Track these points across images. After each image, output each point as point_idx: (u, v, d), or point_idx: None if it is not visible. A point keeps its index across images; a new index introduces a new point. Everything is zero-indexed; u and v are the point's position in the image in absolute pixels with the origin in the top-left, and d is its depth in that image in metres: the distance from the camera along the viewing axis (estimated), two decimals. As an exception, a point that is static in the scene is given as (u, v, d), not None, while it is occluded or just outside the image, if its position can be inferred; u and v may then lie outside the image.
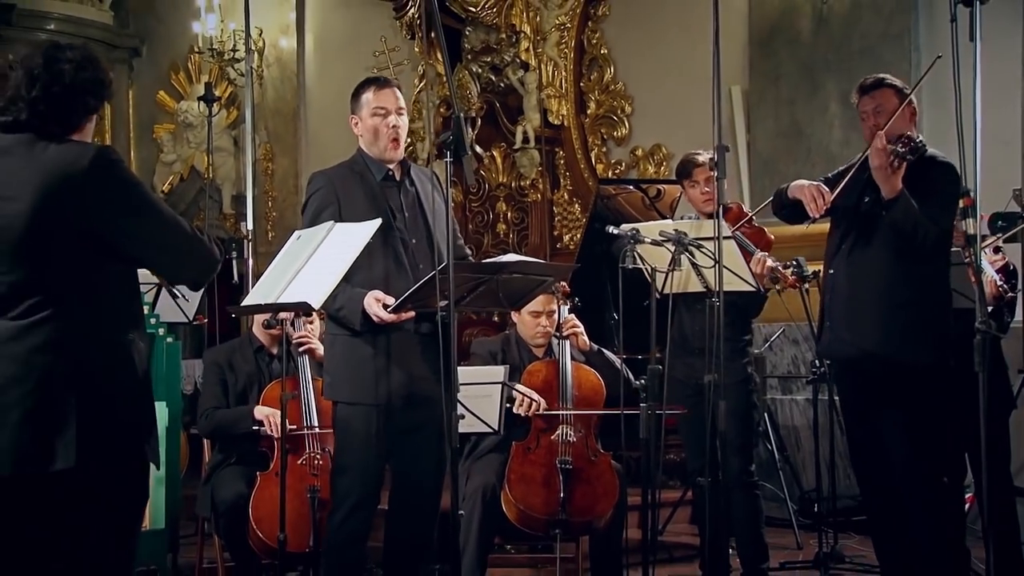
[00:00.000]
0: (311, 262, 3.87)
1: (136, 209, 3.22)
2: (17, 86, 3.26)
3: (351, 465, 4.51)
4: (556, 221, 9.47)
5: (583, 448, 5.32)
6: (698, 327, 4.97)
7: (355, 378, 4.46)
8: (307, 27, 11.25)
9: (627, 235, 4.54)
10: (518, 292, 4.48)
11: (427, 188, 4.67)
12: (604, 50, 9.40)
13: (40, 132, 3.24)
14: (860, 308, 4.80)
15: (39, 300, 3.16)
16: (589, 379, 5.44)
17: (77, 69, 3.26)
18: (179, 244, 3.32)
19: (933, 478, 4.76)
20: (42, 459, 3.14)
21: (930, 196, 4.61)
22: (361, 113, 4.59)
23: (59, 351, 3.15)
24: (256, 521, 5.16)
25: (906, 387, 4.70)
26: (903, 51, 7.60)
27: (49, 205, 3.15)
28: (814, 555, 6.19)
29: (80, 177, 3.14)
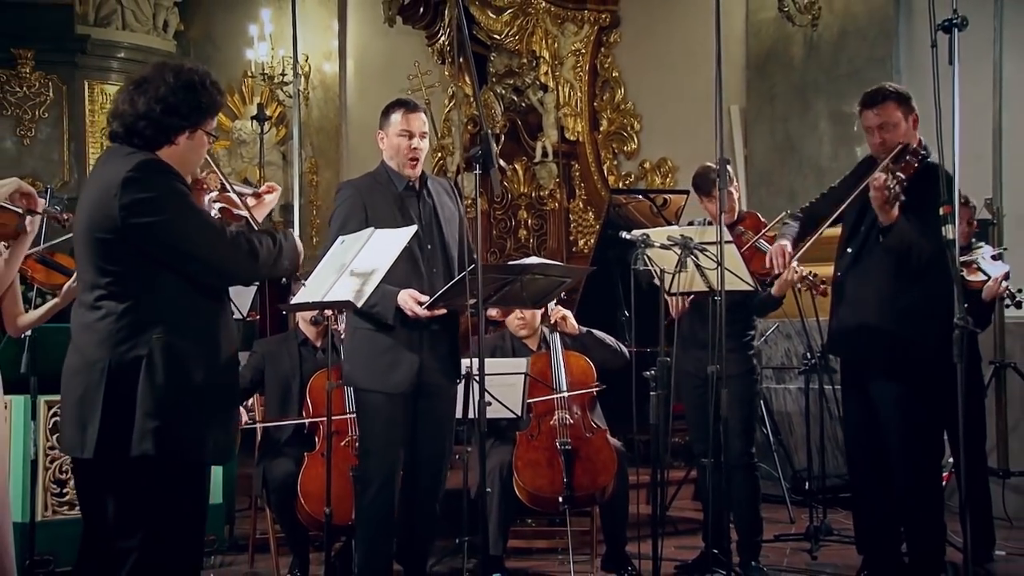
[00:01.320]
0: (354, 265, 3.86)
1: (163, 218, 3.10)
2: (120, 101, 3.24)
3: (375, 450, 4.55)
4: (572, 227, 9.44)
5: (580, 428, 5.36)
6: (704, 323, 4.92)
7: (371, 367, 4.50)
8: (348, 53, 11.26)
9: (638, 239, 4.51)
10: (540, 292, 4.49)
11: (443, 198, 4.70)
12: (615, 73, 9.38)
13: (126, 143, 3.21)
14: (864, 313, 4.72)
15: (100, 300, 3.14)
16: (579, 364, 5.49)
17: (168, 89, 3.19)
18: (211, 253, 3.18)
19: (923, 452, 4.68)
20: (79, 446, 3.12)
21: (927, 210, 4.35)
22: (388, 130, 4.63)
23: (104, 348, 3.10)
24: (304, 497, 5.16)
25: (902, 370, 4.62)
26: (886, 73, 7.51)
27: (94, 210, 3.14)
28: (805, 528, 6.17)
29: (116, 186, 3.08)
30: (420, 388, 4.48)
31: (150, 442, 3.06)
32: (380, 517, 4.52)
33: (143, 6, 11.89)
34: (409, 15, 10.32)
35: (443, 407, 4.62)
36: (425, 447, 4.59)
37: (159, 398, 3.08)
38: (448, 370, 4.58)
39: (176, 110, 3.20)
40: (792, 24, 8.02)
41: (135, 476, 3.09)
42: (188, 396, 3.13)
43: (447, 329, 4.56)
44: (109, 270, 3.12)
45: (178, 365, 3.12)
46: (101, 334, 3.11)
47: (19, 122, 11.26)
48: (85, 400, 3.10)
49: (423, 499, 4.64)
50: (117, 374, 3.07)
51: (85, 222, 3.16)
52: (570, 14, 9.29)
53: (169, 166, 3.20)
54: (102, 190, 3.13)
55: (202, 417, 3.17)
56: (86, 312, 3.17)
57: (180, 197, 3.16)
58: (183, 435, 3.13)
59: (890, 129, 4.61)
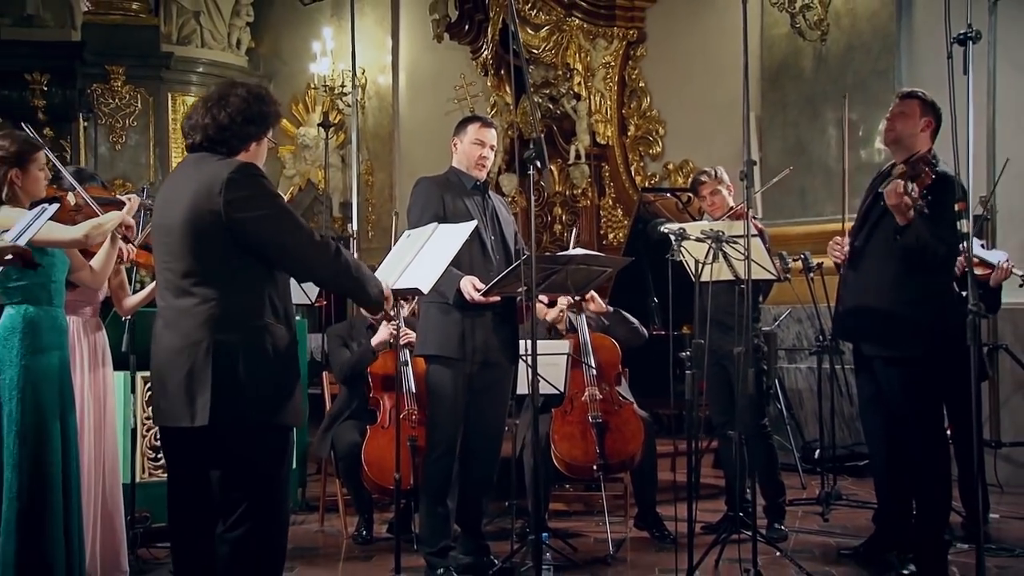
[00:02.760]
0: (420, 255, 3.86)
1: (262, 214, 3.16)
2: (197, 113, 3.30)
3: (439, 420, 4.57)
4: (602, 223, 9.39)
5: (609, 402, 5.34)
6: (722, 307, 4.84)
7: (442, 338, 4.53)
8: (401, 67, 11.24)
9: (675, 232, 4.48)
10: (583, 280, 4.49)
11: (500, 205, 4.81)
12: (642, 83, 9.31)
13: (211, 152, 3.26)
14: (865, 302, 4.65)
15: (196, 287, 3.17)
16: (604, 344, 5.47)
17: (243, 102, 3.26)
18: (302, 250, 3.24)
19: (927, 431, 4.59)
20: (188, 416, 3.16)
21: (940, 216, 4.28)
22: (463, 138, 4.68)
23: (207, 329, 3.14)
24: (368, 465, 5.18)
25: (902, 355, 4.53)
26: (888, 84, 7.46)
27: (196, 210, 3.16)
28: (817, 494, 6.13)
29: (220, 186, 3.13)
30: (483, 364, 4.51)
31: (259, 410, 3.16)
32: (441, 482, 4.53)
33: (219, 26, 11.93)
34: (455, 32, 10.33)
35: (502, 383, 4.66)
36: (484, 419, 4.61)
37: (265, 372, 3.17)
38: (509, 350, 4.62)
39: (252, 120, 3.28)
40: (803, 39, 7.95)
41: (243, 438, 3.18)
42: (283, 370, 3.23)
43: (508, 314, 4.61)
44: (208, 260, 3.17)
45: (275, 343, 3.20)
46: (202, 317, 3.15)
47: (112, 130, 11.35)
48: (192, 376, 3.14)
49: (480, 466, 4.66)
50: (221, 352, 3.13)
51: (183, 218, 3.18)
52: (601, 30, 9.24)
53: (261, 170, 3.28)
54: (202, 190, 3.16)
55: (292, 387, 3.27)
56: (182, 298, 3.19)
57: (276, 198, 3.26)
58: (284, 403, 3.23)
59: (902, 119, 4.52)
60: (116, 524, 4.49)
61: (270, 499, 3.24)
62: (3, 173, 3.87)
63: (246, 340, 3.15)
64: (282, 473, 3.29)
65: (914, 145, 4.51)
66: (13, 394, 3.79)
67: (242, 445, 3.18)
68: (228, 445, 3.18)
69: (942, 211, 4.24)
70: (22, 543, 3.73)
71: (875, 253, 4.60)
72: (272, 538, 3.26)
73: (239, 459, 3.20)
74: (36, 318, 3.88)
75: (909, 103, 4.57)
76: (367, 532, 5.41)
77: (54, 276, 3.94)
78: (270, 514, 3.24)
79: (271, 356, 3.18)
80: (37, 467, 3.79)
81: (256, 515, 3.19)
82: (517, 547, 4.67)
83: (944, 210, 4.25)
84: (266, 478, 3.23)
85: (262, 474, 3.22)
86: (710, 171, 5.46)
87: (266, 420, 3.19)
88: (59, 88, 11.16)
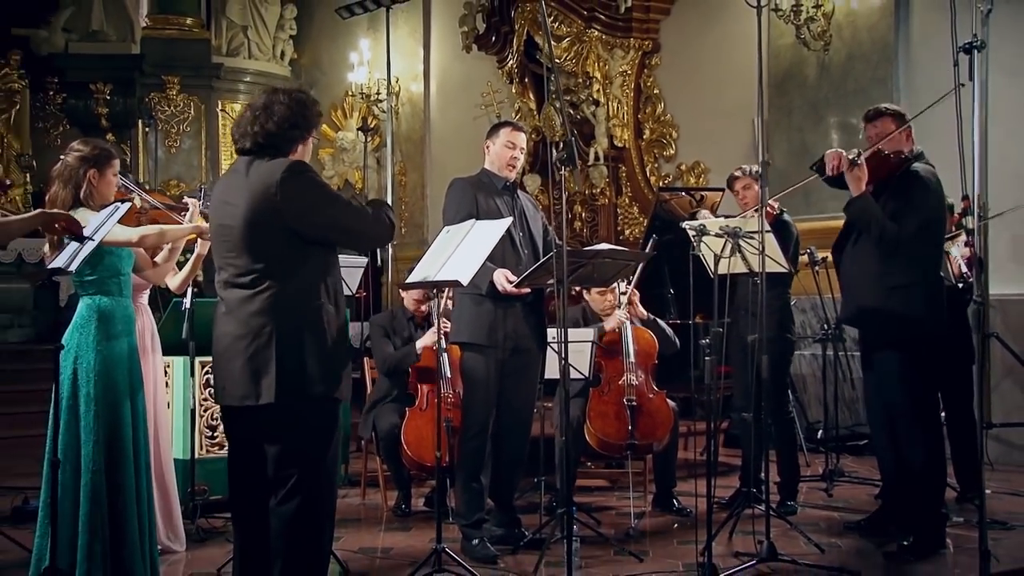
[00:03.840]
0: (459, 250, 3.84)
1: (316, 203, 3.22)
2: (246, 121, 3.34)
3: (474, 401, 4.55)
4: (620, 220, 9.33)
5: (644, 389, 5.30)
6: (748, 298, 4.82)
7: (475, 327, 4.52)
8: (432, 75, 11.20)
9: (696, 228, 4.45)
10: (608, 273, 4.46)
11: (527, 204, 4.80)
12: (656, 90, 9.25)
13: (259, 155, 3.28)
14: (859, 288, 4.66)
15: (257, 277, 3.21)
16: (644, 337, 5.43)
17: (287, 109, 3.30)
18: (356, 224, 3.32)
19: (923, 414, 4.59)
20: (254, 395, 3.19)
21: (902, 201, 4.42)
22: (496, 141, 4.65)
23: (268, 315, 3.18)
24: (407, 444, 5.19)
25: (896, 342, 4.53)
26: (887, 91, 7.39)
27: (255, 207, 3.20)
28: (822, 471, 6.10)
29: (275, 186, 3.18)
30: (514, 351, 4.49)
31: (320, 386, 3.20)
32: (476, 460, 4.52)
33: (264, 39, 11.96)
34: (483, 43, 10.29)
35: (532, 368, 4.63)
36: (515, 401, 4.59)
37: (323, 351, 3.21)
38: (537, 337, 4.60)
39: (297, 125, 3.32)
40: (807, 49, 7.87)
41: (303, 412, 3.21)
42: (337, 347, 3.27)
43: (536, 304, 4.59)
44: (267, 254, 3.21)
45: (329, 324, 3.24)
46: (263, 305, 3.20)
47: (167, 135, 11.40)
48: (256, 359, 3.18)
49: (511, 445, 4.64)
50: (283, 336, 3.17)
51: (243, 217, 3.22)
52: (618, 41, 9.18)
53: (308, 165, 3.33)
54: (258, 190, 3.21)
55: (344, 364, 3.32)
56: (243, 289, 3.23)
57: (326, 186, 3.33)
58: (338, 378, 3.27)
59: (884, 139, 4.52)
60: (171, 495, 4.55)
61: (320, 473, 3.25)
62: (83, 172, 3.94)
63: (305, 323, 3.19)
64: (333, 446, 3.31)
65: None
66: (90, 377, 3.83)
67: (302, 419, 3.21)
68: (288, 420, 3.20)
69: (906, 199, 4.31)
70: (101, 509, 3.76)
71: (865, 246, 4.59)
72: (321, 511, 3.26)
73: (296, 434, 3.22)
74: (108, 308, 3.93)
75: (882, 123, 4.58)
76: (405, 506, 5.42)
77: (123, 270, 4.01)
78: (319, 488, 3.25)
79: (326, 336, 3.22)
80: (112, 442, 3.83)
81: (306, 489, 3.21)
82: (546, 520, 4.66)
83: (907, 198, 4.33)
84: (318, 452, 3.24)
85: (315, 448, 3.24)
86: (745, 168, 5.50)
87: (324, 395, 3.22)
88: (120, 97, 11.27)
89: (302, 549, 3.21)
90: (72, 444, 3.78)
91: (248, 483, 3.32)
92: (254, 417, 3.23)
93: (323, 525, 3.29)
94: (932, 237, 4.61)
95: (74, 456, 3.78)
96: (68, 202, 3.91)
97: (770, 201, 5.06)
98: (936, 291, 4.59)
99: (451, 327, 4.71)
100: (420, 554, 4.37)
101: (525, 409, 4.66)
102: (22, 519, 5.12)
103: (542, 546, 4.36)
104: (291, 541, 3.20)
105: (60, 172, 3.97)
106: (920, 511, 4.56)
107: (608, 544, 4.63)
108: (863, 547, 4.67)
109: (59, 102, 11.50)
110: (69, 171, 3.95)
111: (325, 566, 3.32)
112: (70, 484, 3.75)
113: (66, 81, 11.40)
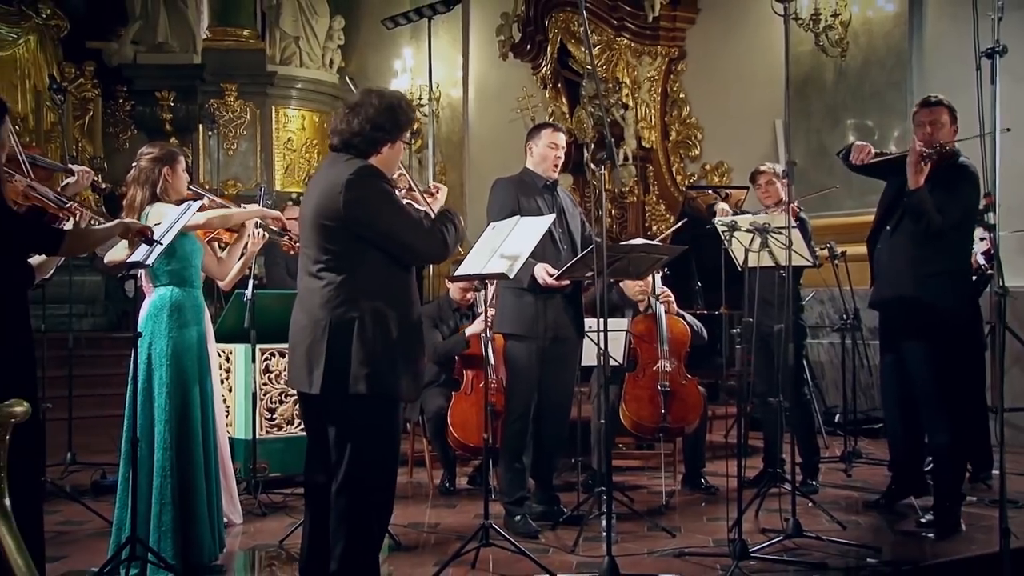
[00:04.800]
0: (505, 245, 3.82)
1: (374, 212, 3.09)
2: (338, 118, 3.25)
3: (516, 387, 4.53)
4: (647, 216, 9.28)
5: (677, 375, 5.26)
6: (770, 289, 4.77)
7: (517, 317, 4.49)
8: (470, 81, 11.20)
9: (728, 224, 4.41)
10: (642, 266, 4.43)
11: (567, 201, 4.76)
12: (682, 94, 9.18)
13: (344, 152, 3.20)
14: (893, 275, 4.57)
15: (322, 269, 3.14)
16: (678, 326, 5.39)
17: (375, 111, 3.17)
18: (407, 238, 3.14)
19: (947, 396, 4.50)
20: (307, 384, 3.13)
21: (948, 193, 4.35)
22: (539, 142, 4.62)
23: (326, 309, 3.10)
24: (453, 426, 5.19)
25: (927, 329, 4.47)
26: (901, 95, 7.35)
27: (322, 203, 3.14)
28: (840, 452, 6.04)
29: (341, 186, 3.08)
30: (554, 340, 4.47)
31: (363, 384, 3.06)
32: (518, 442, 4.51)
33: (315, 48, 12.00)
34: (518, 51, 10.28)
35: (571, 356, 4.59)
36: (555, 387, 4.56)
37: (369, 350, 3.07)
38: (576, 327, 4.57)
39: (382, 127, 3.19)
40: (825, 55, 7.78)
41: (349, 407, 3.10)
42: (389, 348, 3.10)
43: (575, 296, 4.57)
44: (330, 249, 3.13)
45: (382, 324, 3.09)
46: (324, 298, 3.11)
47: (225, 138, 11.46)
48: (312, 349, 3.11)
49: (551, 428, 4.62)
50: (336, 330, 3.07)
51: (313, 211, 3.17)
52: (646, 48, 9.11)
53: (379, 170, 3.19)
54: (329, 187, 3.13)
55: (398, 365, 3.13)
56: (311, 280, 3.17)
57: (389, 195, 3.17)
58: (386, 378, 3.10)
59: (938, 127, 4.45)
60: (229, 471, 4.57)
61: (368, 468, 3.10)
62: (158, 171, 4.00)
63: (357, 321, 3.05)
64: (383, 444, 3.14)
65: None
66: (163, 361, 3.86)
67: (347, 414, 3.09)
68: (336, 413, 3.12)
69: (951, 191, 4.26)
70: (171, 483, 3.81)
71: (901, 236, 4.54)
72: (371, 504, 3.12)
73: (343, 428, 3.10)
74: (180, 298, 3.96)
75: (938, 111, 4.50)
76: (450, 484, 5.42)
77: (194, 262, 4.04)
78: (367, 483, 3.10)
79: (378, 335, 3.07)
80: (182, 422, 3.86)
81: (356, 483, 3.08)
82: (584, 498, 4.65)
83: (953, 190, 4.28)
84: (365, 448, 3.09)
85: (361, 443, 3.09)
86: (769, 166, 5.46)
87: (368, 393, 3.05)
88: (183, 103, 11.39)
89: (357, 538, 3.10)
90: (147, 424, 3.82)
91: (315, 464, 3.25)
92: (314, 402, 3.19)
93: (374, 518, 3.15)
94: (969, 229, 4.58)
95: (148, 435, 3.82)
96: (146, 201, 3.97)
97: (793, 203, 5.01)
98: (966, 281, 4.56)
99: (495, 318, 4.69)
100: (466, 529, 4.37)
101: (564, 394, 4.63)
102: (101, 492, 5.19)
103: (581, 522, 4.35)
104: (347, 530, 3.10)
105: (136, 176, 4.03)
106: (942, 492, 4.50)
107: (642, 520, 4.60)
108: (881, 524, 4.62)
109: (128, 109, 11.63)
110: (144, 174, 4.01)
111: (377, 551, 3.20)
112: (145, 460, 3.79)
113: (134, 89, 11.52)
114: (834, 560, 3.93)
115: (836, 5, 7.63)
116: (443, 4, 8.44)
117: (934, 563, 4.01)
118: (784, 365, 4.39)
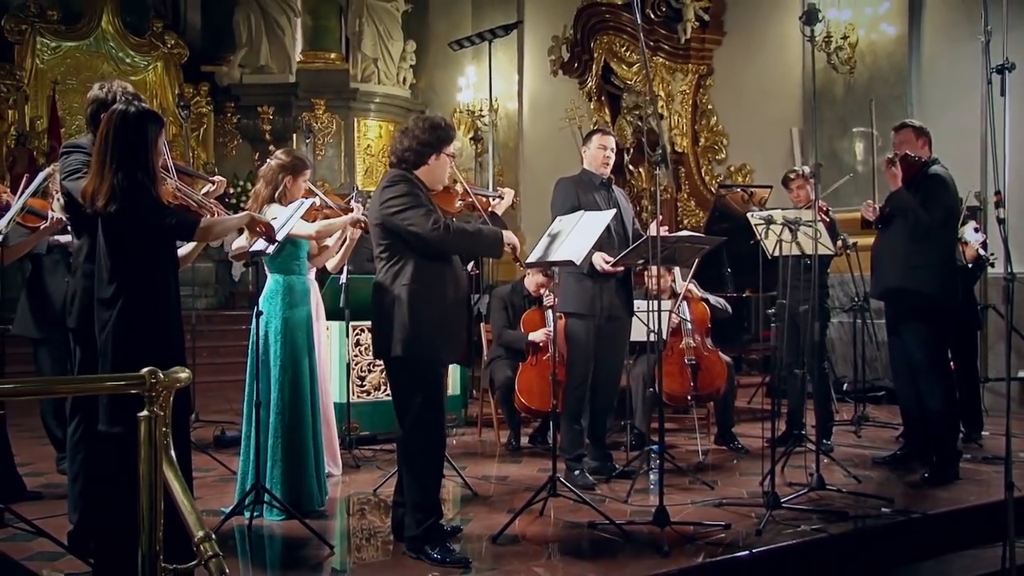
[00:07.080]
0: (571, 236, 3.78)
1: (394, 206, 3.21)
2: (395, 139, 3.43)
3: (576, 359, 4.49)
4: (679, 212, 9.20)
5: (700, 349, 5.22)
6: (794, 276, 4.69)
7: (577, 299, 4.45)
8: (525, 95, 11.11)
9: (764, 218, 4.32)
10: (687, 255, 4.36)
11: (620, 197, 4.69)
12: (710, 106, 9.06)
13: (399, 167, 3.35)
14: (887, 267, 4.60)
15: (380, 260, 3.32)
16: (699, 308, 5.34)
17: (421, 132, 3.33)
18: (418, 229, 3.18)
19: (941, 373, 4.58)
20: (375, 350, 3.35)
21: (928, 197, 4.43)
22: (591, 146, 4.57)
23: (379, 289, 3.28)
24: (520, 392, 5.17)
25: (917, 313, 4.51)
26: (902, 106, 7.29)
27: (372, 207, 3.35)
28: (850, 417, 5.93)
29: (379, 191, 3.30)
30: (608, 318, 4.42)
31: (399, 348, 3.22)
32: (577, 406, 4.47)
33: (390, 68, 12.00)
34: (567, 68, 10.20)
35: (622, 332, 4.54)
36: (608, 359, 4.51)
37: (403, 323, 3.21)
38: (627, 307, 4.52)
39: (427, 144, 3.34)
40: (836, 72, 7.68)
41: (393, 370, 3.32)
42: (423, 321, 3.21)
43: (626, 281, 4.53)
44: (381, 243, 3.31)
45: (417, 302, 3.21)
46: (379, 280, 3.32)
47: (315, 146, 11.56)
48: (376, 322, 3.35)
49: (605, 395, 4.57)
50: (382, 307, 3.27)
51: (371, 213, 3.39)
52: (679, 65, 9.01)
53: (409, 176, 3.31)
54: (376, 195, 3.34)
55: (433, 334, 3.23)
56: (376, 266, 3.38)
57: (408, 196, 3.24)
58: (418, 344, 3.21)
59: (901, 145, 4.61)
60: (332, 430, 4.58)
61: (412, 420, 3.24)
62: (280, 177, 3.98)
63: (395, 299, 3.21)
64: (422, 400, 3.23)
65: None
66: (277, 338, 3.89)
67: (392, 374, 3.32)
68: (389, 374, 3.36)
69: (930, 195, 4.40)
70: (282, 441, 3.85)
71: (893, 232, 4.58)
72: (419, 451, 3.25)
73: (394, 386, 3.33)
74: (291, 283, 3.98)
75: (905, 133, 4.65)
76: (515, 442, 5.40)
77: (301, 253, 4.05)
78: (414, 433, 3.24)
79: (413, 309, 3.18)
80: (294, 390, 3.88)
81: (406, 434, 3.27)
82: (635, 455, 4.61)
83: (932, 195, 4.42)
84: (407, 403, 3.24)
85: (403, 399, 3.26)
86: (799, 170, 5.36)
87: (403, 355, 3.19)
88: (280, 116, 11.49)
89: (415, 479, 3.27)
90: (264, 390, 3.86)
91: None
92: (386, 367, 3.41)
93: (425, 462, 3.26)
94: (953, 226, 4.62)
95: (265, 399, 3.85)
96: (267, 199, 3.97)
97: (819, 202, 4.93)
98: (951, 271, 4.58)
99: (560, 296, 4.66)
100: (531, 481, 4.36)
101: (616, 365, 4.58)
102: (221, 445, 5.27)
103: (632, 476, 4.31)
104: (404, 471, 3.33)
105: (264, 173, 4.03)
106: (937, 448, 4.52)
107: (684, 474, 4.55)
108: (891, 478, 4.56)
109: (235, 122, 11.76)
110: (271, 173, 4.00)
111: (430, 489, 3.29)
112: (263, 422, 3.83)
113: (240, 105, 11.65)
114: (854, 509, 3.88)
115: (845, 28, 7.61)
116: (502, 29, 8.43)
117: (941, 512, 3.97)
118: (810, 341, 4.29)
